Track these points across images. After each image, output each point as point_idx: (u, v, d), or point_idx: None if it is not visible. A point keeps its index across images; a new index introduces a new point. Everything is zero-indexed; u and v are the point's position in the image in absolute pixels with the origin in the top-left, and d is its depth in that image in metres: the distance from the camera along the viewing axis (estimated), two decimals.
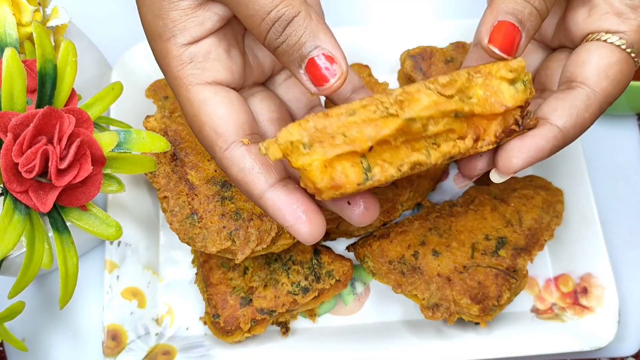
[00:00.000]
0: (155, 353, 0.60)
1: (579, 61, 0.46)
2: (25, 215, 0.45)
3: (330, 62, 0.41)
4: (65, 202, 0.46)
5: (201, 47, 0.44)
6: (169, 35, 0.43)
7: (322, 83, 0.41)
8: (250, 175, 0.43)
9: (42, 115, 0.43)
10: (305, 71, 0.41)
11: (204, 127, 0.43)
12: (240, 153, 0.43)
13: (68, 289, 0.48)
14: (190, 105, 0.44)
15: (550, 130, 0.44)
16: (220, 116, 0.43)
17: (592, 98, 0.45)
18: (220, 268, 0.61)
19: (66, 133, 0.44)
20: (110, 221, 0.48)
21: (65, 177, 0.45)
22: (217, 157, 0.44)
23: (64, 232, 0.47)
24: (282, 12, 0.40)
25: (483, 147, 0.43)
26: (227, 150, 0.43)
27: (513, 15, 0.43)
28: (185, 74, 0.43)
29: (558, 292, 0.65)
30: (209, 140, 0.43)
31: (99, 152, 0.46)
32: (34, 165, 0.43)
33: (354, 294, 0.65)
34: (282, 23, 0.40)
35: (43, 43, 0.46)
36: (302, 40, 0.40)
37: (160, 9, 0.42)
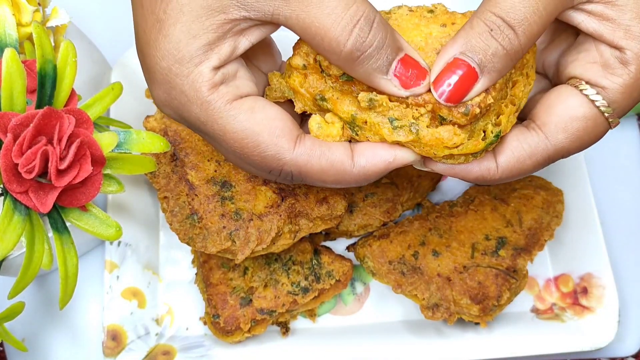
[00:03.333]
0: (155, 353, 0.60)
1: (546, 103, 0.43)
2: (25, 216, 0.45)
3: (415, 65, 0.38)
4: (65, 202, 0.46)
5: (231, 68, 0.40)
6: (202, 59, 0.38)
7: (414, 85, 0.38)
8: (333, 155, 0.40)
9: (42, 115, 0.43)
10: (394, 76, 0.38)
11: (260, 137, 0.39)
12: (311, 142, 0.40)
13: (68, 289, 0.48)
14: (236, 122, 0.39)
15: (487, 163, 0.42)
16: (274, 117, 0.40)
17: (541, 147, 0.42)
18: (220, 268, 0.61)
19: (66, 133, 0.44)
20: (110, 221, 0.48)
21: (65, 177, 0.45)
22: (289, 162, 0.40)
23: (63, 232, 0.47)
24: (362, 10, 0.36)
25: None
26: (297, 148, 0.40)
27: (473, 54, 0.37)
28: (220, 94, 0.39)
29: (558, 292, 0.65)
30: (273, 148, 0.39)
31: (98, 152, 0.46)
32: (33, 165, 0.43)
33: (354, 294, 0.65)
34: (367, 22, 0.36)
35: (43, 43, 0.46)
36: (388, 42, 0.37)
37: (200, 29, 0.38)
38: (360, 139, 0.42)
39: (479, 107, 0.38)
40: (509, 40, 0.37)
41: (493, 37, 0.37)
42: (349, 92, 0.41)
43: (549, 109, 0.42)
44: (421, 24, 0.43)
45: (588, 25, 0.41)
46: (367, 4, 0.37)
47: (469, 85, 0.38)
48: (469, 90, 0.38)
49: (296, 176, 0.41)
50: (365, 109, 0.40)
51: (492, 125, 0.40)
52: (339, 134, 0.42)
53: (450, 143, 0.39)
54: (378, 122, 0.40)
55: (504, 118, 0.41)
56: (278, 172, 0.41)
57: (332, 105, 0.42)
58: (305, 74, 0.42)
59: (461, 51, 0.37)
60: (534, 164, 0.42)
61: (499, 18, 0.37)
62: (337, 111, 0.42)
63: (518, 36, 0.37)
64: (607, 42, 0.41)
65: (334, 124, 0.42)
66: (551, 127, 0.42)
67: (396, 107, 0.39)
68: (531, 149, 0.42)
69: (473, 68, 0.37)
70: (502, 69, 0.38)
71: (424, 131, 0.39)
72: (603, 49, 0.41)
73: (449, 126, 0.39)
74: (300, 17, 0.37)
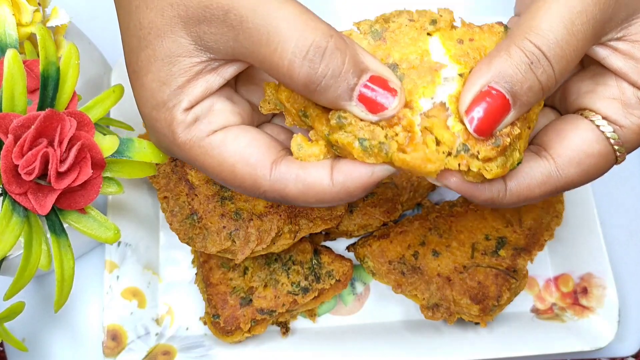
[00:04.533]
0: (155, 353, 0.60)
1: (560, 133, 0.41)
2: (23, 217, 0.45)
3: (382, 84, 0.36)
4: (64, 205, 0.46)
5: (204, 105, 0.40)
6: (174, 102, 0.39)
7: (381, 109, 0.36)
8: (310, 177, 0.39)
9: (44, 117, 0.43)
10: (359, 101, 0.36)
11: (236, 167, 0.39)
12: (286, 166, 0.39)
13: (64, 292, 0.48)
14: (209, 156, 0.39)
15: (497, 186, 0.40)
16: (246, 145, 0.39)
17: (552, 178, 0.41)
18: (220, 268, 0.61)
19: (67, 136, 0.44)
20: (108, 224, 0.48)
21: (65, 180, 0.44)
22: (267, 189, 0.39)
23: (61, 235, 0.47)
24: (311, 39, 0.35)
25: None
26: (272, 174, 0.39)
27: (509, 84, 0.36)
28: (192, 133, 0.39)
29: (558, 292, 0.65)
30: (249, 178, 0.39)
31: (99, 155, 0.46)
32: (34, 167, 0.43)
33: (354, 294, 0.65)
34: (317, 52, 0.35)
35: (46, 45, 0.46)
36: (346, 67, 0.35)
37: (169, 76, 0.39)
38: (342, 156, 0.40)
39: (508, 136, 0.37)
40: (547, 76, 0.36)
41: (532, 71, 0.36)
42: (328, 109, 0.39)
43: (563, 141, 0.41)
44: (419, 39, 0.40)
45: (613, 62, 0.40)
46: (319, 30, 0.35)
47: (500, 116, 0.36)
48: (500, 121, 0.37)
49: (279, 200, 0.41)
50: (335, 127, 0.38)
51: (517, 152, 0.39)
52: (322, 152, 0.40)
53: (425, 170, 0.37)
54: (349, 142, 0.38)
55: (521, 143, 0.39)
56: (263, 197, 0.41)
57: (312, 122, 0.40)
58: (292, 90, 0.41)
59: (496, 80, 0.36)
60: (542, 193, 0.41)
61: (540, 51, 0.36)
62: (316, 129, 0.40)
63: (555, 73, 0.37)
64: (631, 82, 0.40)
65: (317, 142, 0.40)
66: (565, 160, 0.41)
67: (366, 127, 0.37)
68: (542, 178, 0.41)
69: (507, 99, 0.36)
70: (533, 103, 0.37)
71: (395, 155, 0.37)
72: (625, 87, 0.40)
73: (422, 152, 0.36)
74: (253, 55, 0.37)
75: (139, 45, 0.40)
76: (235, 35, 0.37)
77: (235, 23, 0.36)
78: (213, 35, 0.37)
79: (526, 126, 0.40)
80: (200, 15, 0.37)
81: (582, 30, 0.36)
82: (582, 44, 0.37)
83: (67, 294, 0.48)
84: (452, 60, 0.39)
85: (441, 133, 0.37)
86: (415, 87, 0.38)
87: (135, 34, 0.40)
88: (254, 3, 0.36)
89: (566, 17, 0.36)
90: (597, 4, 0.37)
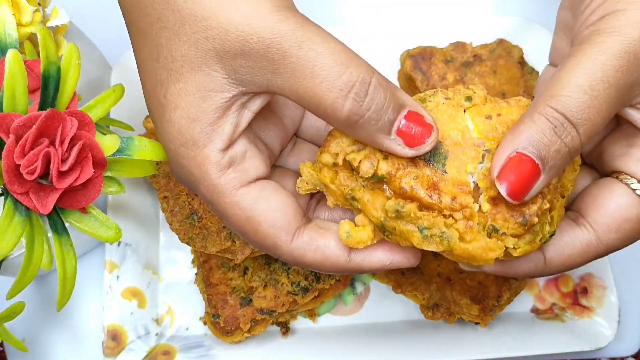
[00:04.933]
0: (155, 353, 0.60)
1: (597, 199, 0.42)
2: (25, 217, 0.45)
3: (419, 121, 0.37)
4: (66, 204, 0.46)
5: (238, 149, 0.40)
6: (206, 141, 0.38)
7: (419, 143, 0.37)
8: (329, 250, 0.40)
9: (45, 117, 0.43)
10: (397, 136, 0.37)
11: (260, 227, 0.40)
12: (308, 236, 0.40)
13: (66, 291, 0.48)
14: (239, 209, 0.39)
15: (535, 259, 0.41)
16: (275, 209, 0.40)
17: (592, 246, 0.41)
18: (220, 268, 0.61)
19: (68, 135, 0.44)
20: (109, 223, 0.48)
21: (66, 179, 0.45)
22: (285, 252, 0.40)
23: (63, 234, 0.47)
24: (356, 75, 0.36)
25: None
26: (294, 242, 0.40)
27: (536, 149, 0.37)
28: (228, 179, 0.39)
29: (558, 292, 0.65)
30: (270, 239, 0.40)
31: (100, 155, 0.46)
32: (35, 167, 0.43)
33: (354, 294, 0.65)
34: (363, 86, 0.36)
35: (47, 45, 0.46)
36: (388, 102, 0.37)
37: (199, 112, 0.38)
38: (392, 241, 0.40)
39: (536, 215, 0.37)
40: (571, 138, 0.37)
41: (557, 135, 0.37)
42: (380, 191, 0.39)
43: (600, 208, 0.41)
44: (457, 116, 0.40)
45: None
46: (363, 67, 0.36)
47: (532, 180, 0.37)
48: (532, 185, 0.37)
49: (293, 263, 0.42)
50: (393, 218, 0.38)
51: (548, 225, 0.39)
52: (370, 238, 0.40)
53: (484, 259, 0.37)
54: (408, 230, 0.38)
55: (555, 213, 0.40)
56: (277, 257, 0.41)
57: (362, 207, 0.40)
58: (336, 171, 0.41)
59: (524, 146, 0.37)
60: (584, 261, 0.42)
61: (562, 115, 0.37)
62: (368, 214, 0.40)
63: (580, 135, 0.37)
64: None
65: (365, 227, 0.40)
66: (604, 228, 0.41)
67: (425, 217, 0.38)
68: (582, 247, 0.41)
69: (537, 164, 0.37)
70: (562, 166, 0.38)
71: (456, 244, 0.37)
72: None
73: (482, 242, 0.37)
74: (293, 88, 0.37)
75: (170, 78, 0.39)
76: (275, 68, 0.37)
77: (277, 57, 0.36)
78: (250, 68, 0.37)
79: (559, 195, 0.40)
80: (238, 49, 0.37)
81: (605, 94, 0.37)
82: (606, 106, 0.37)
83: (70, 293, 0.48)
84: (480, 136, 0.40)
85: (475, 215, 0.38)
86: (462, 163, 0.38)
87: (165, 66, 0.39)
88: (299, 38, 0.36)
89: (586, 84, 0.37)
90: (619, 69, 0.37)
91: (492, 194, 0.38)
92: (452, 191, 0.37)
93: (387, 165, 0.38)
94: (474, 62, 0.67)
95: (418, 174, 0.38)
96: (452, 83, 0.66)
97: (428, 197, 0.37)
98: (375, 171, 0.38)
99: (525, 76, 0.68)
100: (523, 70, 0.68)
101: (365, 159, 0.38)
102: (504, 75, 0.67)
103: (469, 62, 0.67)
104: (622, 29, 0.38)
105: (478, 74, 0.67)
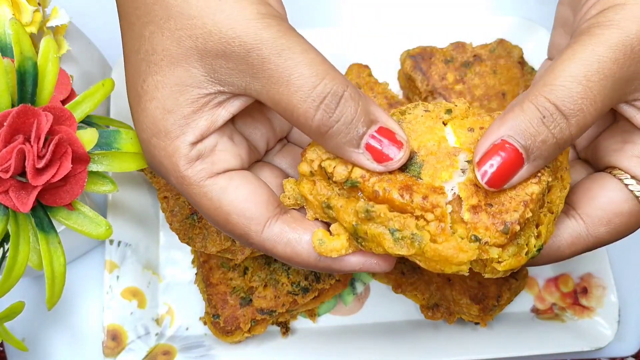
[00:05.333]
0: (155, 353, 0.60)
1: (589, 192, 0.42)
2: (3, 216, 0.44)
3: (389, 136, 0.38)
4: (49, 201, 0.45)
5: (208, 142, 0.40)
6: (178, 133, 0.39)
7: (387, 159, 0.38)
8: (299, 246, 0.40)
9: (17, 113, 0.42)
10: (366, 150, 0.38)
11: (230, 217, 0.40)
12: (280, 228, 0.40)
13: (55, 290, 0.47)
14: (208, 199, 0.40)
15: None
16: (245, 199, 0.40)
17: (581, 239, 0.41)
18: (220, 268, 0.61)
19: (43, 131, 0.43)
20: (99, 220, 0.47)
21: (43, 176, 0.43)
22: (256, 242, 0.41)
23: (49, 232, 0.46)
24: (330, 87, 0.37)
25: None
26: (264, 232, 0.40)
27: (521, 138, 0.36)
28: (195, 171, 0.40)
29: (558, 292, 0.65)
30: (240, 229, 0.40)
31: (81, 150, 0.45)
32: (9, 165, 0.42)
33: (354, 294, 0.65)
34: (334, 98, 0.37)
35: (21, 40, 0.45)
36: (358, 117, 0.37)
37: (174, 105, 0.39)
38: (365, 249, 0.40)
39: (518, 223, 0.37)
40: (560, 129, 0.37)
41: (544, 124, 0.36)
42: (355, 199, 0.39)
43: (591, 201, 0.41)
44: (435, 127, 0.41)
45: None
46: (338, 80, 0.37)
47: (513, 170, 0.37)
48: (513, 175, 0.37)
49: (265, 252, 0.42)
50: (364, 219, 0.38)
51: (534, 239, 0.38)
52: (344, 247, 0.40)
53: (456, 261, 0.37)
54: (379, 233, 0.38)
55: (543, 228, 0.39)
56: (249, 247, 0.42)
57: (336, 213, 0.40)
58: (314, 181, 0.41)
59: (509, 134, 0.37)
60: (572, 253, 0.42)
61: (553, 105, 0.36)
62: (341, 220, 0.40)
63: (570, 126, 0.37)
64: None
65: (339, 236, 0.40)
66: (594, 220, 0.41)
67: (396, 218, 0.38)
68: (572, 238, 0.41)
69: (520, 153, 0.36)
70: (549, 157, 0.37)
71: (427, 246, 0.37)
72: None
73: (454, 242, 0.37)
74: (270, 94, 0.38)
75: (148, 70, 0.40)
76: (253, 73, 0.38)
77: (257, 62, 0.37)
78: (229, 70, 0.38)
79: (547, 210, 0.40)
80: (219, 50, 0.38)
81: (600, 86, 0.37)
82: (600, 98, 0.37)
83: (59, 291, 0.48)
84: (462, 148, 0.40)
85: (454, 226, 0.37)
86: (436, 171, 0.38)
87: (145, 59, 0.40)
88: (279, 47, 0.37)
89: (581, 74, 0.37)
90: (616, 62, 0.37)
91: (473, 203, 0.37)
92: (424, 192, 0.37)
93: (362, 170, 0.39)
94: (474, 62, 0.67)
95: (392, 178, 0.38)
96: (452, 83, 0.66)
97: (400, 197, 0.37)
98: (349, 175, 0.39)
99: (525, 76, 0.67)
100: (523, 70, 0.68)
101: (339, 164, 0.39)
102: (504, 75, 0.67)
103: (469, 62, 0.67)
104: (621, 23, 0.38)
105: (478, 73, 0.67)
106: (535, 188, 0.38)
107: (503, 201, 0.37)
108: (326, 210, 0.41)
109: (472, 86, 0.66)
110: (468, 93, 0.66)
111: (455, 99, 0.42)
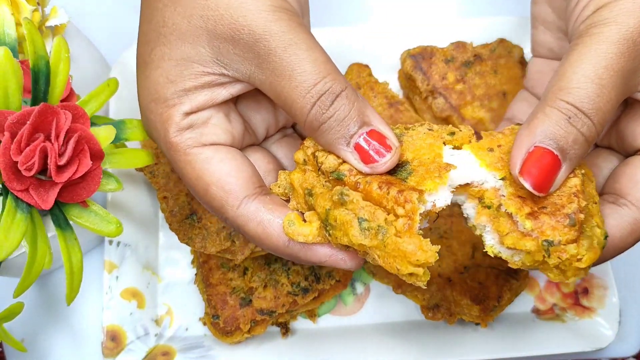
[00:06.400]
0: (154, 354, 0.60)
1: (633, 178, 0.42)
2: (27, 214, 0.45)
3: (380, 140, 0.39)
4: (67, 198, 0.46)
5: (202, 115, 0.42)
6: (175, 102, 0.41)
7: (374, 161, 0.39)
8: (271, 227, 0.41)
9: (38, 112, 0.43)
10: (354, 150, 0.39)
11: (210, 187, 0.41)
12: (255, 207, 0.41)
13: (74, 285, 0.48)
14: (191, 167, 0.41)
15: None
16: (227, 172, 0.41)
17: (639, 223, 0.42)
18: (220, 268, 0.61)
19: (63, 129, 0.44)
20: (110, 218, 0.48)
21: (65, 173, 0.45)
22: (230, 217, 0.41)
23: (66, 228, 0.47)
24: (329, 85, 0.38)
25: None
26: (240, 207, 0.41)
27: (553, 141, 0.38)
28: (183, 138, 0.41)
29: (559, 292, 0.65)
30: (218, 201, 0.41)
31: (96, 146, 0.46)
32: (33, 162, 0.43)
33: (354, 294, 0.65)
34: (330, 96, 0.38)
35: (34, 40, 0.46)
36: (350, 116, 0.39)
37: (178, 76, 0.41)
38: (332, 240, 0.40)
39: (580, 212, 0.37)
40: (587, 127, 0.38)
41: (572, 125, 0.38)
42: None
43: (637, 185, 0.42)
44: (435, 145, 0.41)
45: None
46: (338, 80, 0.39)
47: (554, 172, 0.38)
48: (555, 176, 0.38)
49: (237, 230, 0.43)
50: (337, 203, 0.39)
51: (597, 228, 0.39)
52: (312, 235, 0.40)
53: (413, 259, 0.36)
54: (348, 221, 0.38)
55: (597, 218, 0.39)
56: (224, 222, 0.43)
57: (314, 200, 0.40)
58: (304, 170, 0.42)
59: (540, 139, 0.38)
60: (635, 240, 0.42)
61: (574, 107, 0.37)
62: (317, 206, 0.40)
63: (594, 123, 0.38)
64: None
65: (311, 223, 0.40)
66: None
67: (367, 207, 0.38)
68: (631, 226, 0.41)
69: (556, 155, 0.38)
70: (582, 154, 0.39)
71: (390, 239, 0.37)
72: None
73: (417, 240, 0.37)
74: (272, 85, 0.39)
75: (157, 40, 0.41)
76: (258, 62, 0.39)
77: (263, 52, 0.39)
78: (235, 55, 0.40)
79: (592, 202, 0.40)
80: (228, 35, 0.39)
81: (611, 82, 0.38)
82: (614, 93, 0.38)
83: (78, 286, 0.48)
84: (489, 169, 0.40)
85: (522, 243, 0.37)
86: (422, 179, 0.39)
87: (155, 29, 0.41)
88: (286, 41, 0.38)
89: (593, 74, 0.38)
90: (622, 55, 0.38)
91: (528, 211, 0.38)
92: (402, 188, 0.38)
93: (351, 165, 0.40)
94: (475, 61, 0.67)
95: (378, 177, 0.39)
96: (453, 83, 0.66)
97: (379, 188, 0.38)
98: (338, 166, 0.40)
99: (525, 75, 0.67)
100: (524, 70, 0.67)
101: (333, 155, 0.40)
102: (504, 74, 0.66)
103: (469, 61, 0.67)
104: (617, 18, 0.39)
105: (478, 73, 0.67)
106: (576, 181, 0.39)
107: (553, 201, 0.38)
108: (307, 198, 0.41)
109: (472, 86, 0.66)
110: (468, 92, 0.66)
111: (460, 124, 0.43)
